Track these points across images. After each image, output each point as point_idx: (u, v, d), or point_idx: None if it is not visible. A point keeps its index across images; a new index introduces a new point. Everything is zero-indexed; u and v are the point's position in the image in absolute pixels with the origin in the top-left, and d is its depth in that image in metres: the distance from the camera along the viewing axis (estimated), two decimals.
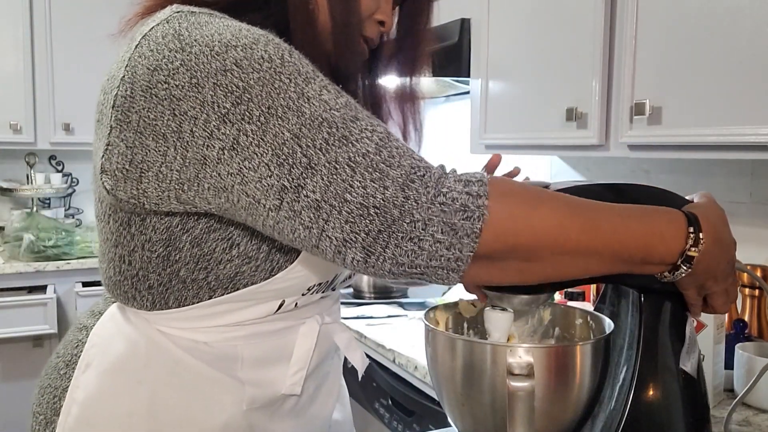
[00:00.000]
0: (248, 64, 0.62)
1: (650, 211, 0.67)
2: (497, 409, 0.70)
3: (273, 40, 0.65)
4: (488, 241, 0.59)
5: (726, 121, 1.12)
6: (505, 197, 0.61)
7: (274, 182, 0.61)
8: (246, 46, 0.63)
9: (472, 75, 1.81)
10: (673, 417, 0.76)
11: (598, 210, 0.64)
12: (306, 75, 0.64)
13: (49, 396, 0.80)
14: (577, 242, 0.62)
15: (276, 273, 0.74)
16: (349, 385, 1.80)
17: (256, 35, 0.65)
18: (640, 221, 0.65)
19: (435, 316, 0.85)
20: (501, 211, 0.60)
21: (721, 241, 0.67)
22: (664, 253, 0.65)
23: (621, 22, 1.34)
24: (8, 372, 2.68)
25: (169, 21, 0.67)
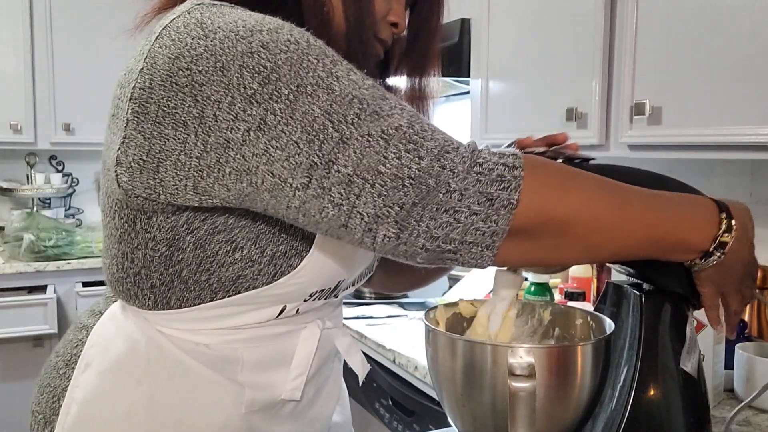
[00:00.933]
0: (275, 46, 0.62)
1: (682, 197, 0.67)
2: (497, 410, 0.70)
3: (296, 27, 0.65)
4: (524, 214, 0.59)
5: (726, 121, 1.12)
6: (540, 171, 0.60)
7: (302, 159, 0.59)
8: (272, 30, 0.63)
9: (472, 75, 1.81)
10: (673, 417, 0.76)
11: (632, 192, 0.64)
12: (333, 57, 0.64)
13: (48, 395, 0.80)
14: (610, 220, 0.62)
15: (278, 278, 0.73)
16: (349, 385, 1.80)
17: (279, 22, 0.64)
18: (673, 206, 0.65)
19: (435, 316, 0.85)
20: (536, 184, 0.59)
21: (748, 232, 0.68)
22: (697, 238, 0.65)
23: (621, 22, 1.34)
24: (8, 372, 2.68)
25: (191, 12, 0.67)
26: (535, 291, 1.49)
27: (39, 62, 2.88)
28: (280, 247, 0.73)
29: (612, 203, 0.62)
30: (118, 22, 0.79)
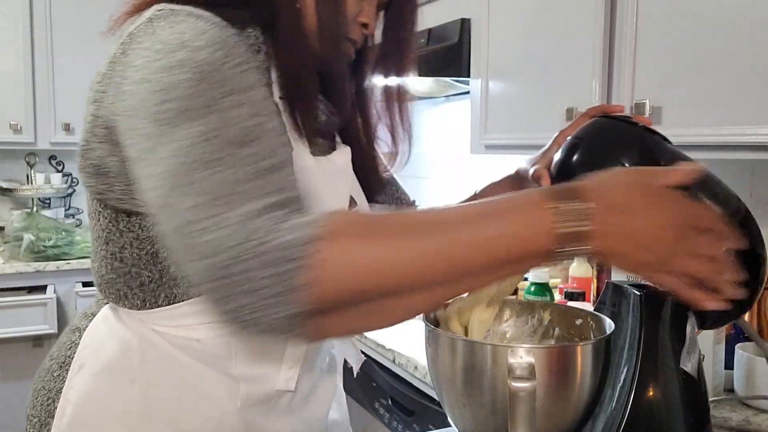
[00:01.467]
0: (188, 65, 0.61)
1: (513, 203, 0.59)
2: (498, 410, 0.70)
3: (229, 46, 0.64)
4: (324, 290, 0.53)
5: (726, 121, 1.12)
6: (341, 239, 0.54)
7: (159, 192, 0.59)
8: (196, 48, 0.63)
9: (472, 75, 1.81)
10: (673, 417, 0.76)
11: (452, 228, 0.57)
12: (233, 87, 0.62)
13: (42, 398, 0.80)
14: (434, 272, 0.56)
15: None
16: (349, 385, 1.80)
17: (215, 38, 0.64)
18: (498, 223, 0.58)
19: (435, 316, 0.85)
20: (336, 255, 0.53)
21: (629, 201, 0.58)
22: (534, 244, 0.57)
23: (621, 22, 1.34)
24: (8, 372, 2.68)
25: (151, 20, 0.67)
26: (535, 291, 1.49)
27: (39, 62, 2.88)
28: None
29: (432, 254, 0.56)
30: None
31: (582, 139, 0.76)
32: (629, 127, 0.76)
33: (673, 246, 0.59)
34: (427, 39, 1.92)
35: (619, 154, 0.73)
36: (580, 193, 0.58)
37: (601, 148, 0.74)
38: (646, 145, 0.75)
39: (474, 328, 0.80)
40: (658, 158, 0.74)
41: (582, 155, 0.76)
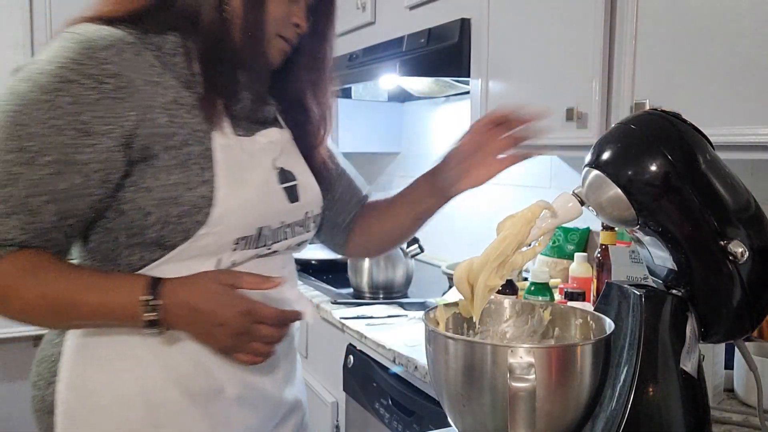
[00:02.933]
0: (18, 99, 0.80)
1: (117, 284, 0.85)
2: (497, 410, 0.70)
3: (42, 82, 0.80)
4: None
5: (726, 121, 1.12)
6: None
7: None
8: (26, 78, 0.81)
9: (472, 75, 1.81)
10: (673, 417, 0.76)
11: (66, 290, 0.83)
12: (30, 133, 0.79)
13: (45, 364, 0.92)
14: (47, 317, 0.85)
15: (193, 233, 0.86)
16: (349, 384, 1.80)
17: (56, 75, 0.80)
18: (101, 294, 0.84)
19: (435, 316, 0.85)
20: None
21: (196, 309, 0.84)
22: (128, 317, 0.84)
23: (621, 22, 1.34)
24: (8, 372, 2.68)
25: (57, 38, 0.84)
26: (535, 291, 1.49)
27: None
28: (183, 207, 0.85)
29: (50, 310, 0.84)
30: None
31: (635, 127, 0.77)
32: (677, 122, 0.76)
33: (233, 339, 0.86)
34: (427, 39, 1.92)
35: (661, 144, 0.74)
36: (160, 290, 0.84)
37: (648, 137, 0.75)
38: (688, 141, 0.75)
39: (479, 292, 0.79)
40: (696, 154, 0.75)
41: (631, 143, 0.76)
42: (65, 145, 0.80)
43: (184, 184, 0.85)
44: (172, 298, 0.83)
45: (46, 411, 0.90)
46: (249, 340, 0.87)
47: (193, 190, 0.86)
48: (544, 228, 0.78)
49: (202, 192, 0.86)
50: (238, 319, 0.85)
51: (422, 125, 2.71)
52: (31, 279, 0.82)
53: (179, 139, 0.85)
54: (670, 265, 0.79)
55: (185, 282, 0.85)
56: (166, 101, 0.85)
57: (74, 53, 0.80)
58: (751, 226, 0.75)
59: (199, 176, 0.86)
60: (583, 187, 0.79)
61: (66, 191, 0.81)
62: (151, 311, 0.83)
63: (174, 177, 0.85)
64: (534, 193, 2.08)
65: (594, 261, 1.54)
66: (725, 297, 0.76)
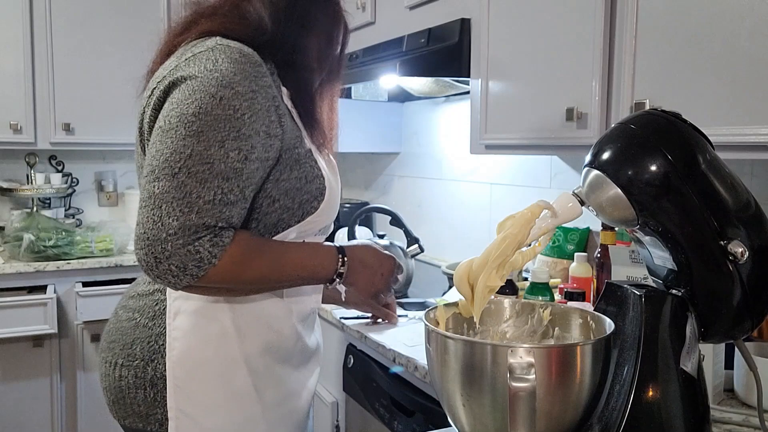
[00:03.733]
0: (224, 102, 0.94)
1: (317, 252, 1.10)
2: (497, 409, 0.70)
3: (254, 95, 0.97)
4: (210, 280, 0.96)
5: (726, 121, 1.12)
6: (228, 257, 0.96)
7: (153, 165, 0.95)
8: (225, 85, 0.95)
9: (472, 75, 1.81)
10: (673, 417, 0.76)
11: (288, 256, 1.05)
12: (240, 134, 0.95)
13: (142, 344, 1.09)
14: (275, 280, 1.05)
15: (305, 217, 1.08)
16: (349, 385, 1.80)
17: (246, 88, 0.96)
18: (311, 258, 1.08)
19: (435, 316, 0.85)
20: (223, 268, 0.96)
21: (360, 263, 1.16)
22: (324, 273, 1.10)
23: (621, 22, 1.34)
24: (8, 372, 2.68)
25: (213, 49, 1.00)
26: (535, 291, 1.48)
27: (39, 62, 2.87)
28: (304, 196, 1.06)
29: (276, 270, 1.03)
30: (118, 23, 0.86)
31: (635, 127, 0.77)
32: (677, 122, 0.76)
33: (385, 284, 1.24)
34: (427, 39, 1.92)
35: (661, 144, 0.74)
36: (346, 253, 1.13)
37: (648, 137, 0.75)
38: (688, 141, 0.75)
39: (479, 292, 0.79)
40: (696, 154, 0.75)
41: (631, 143, 0.76)
42: (261, 145, 0.97)
43: (303, 178, 1.05)
44: (353, 257, 1.14)
45: (145, 386, 1.08)
46: (391, 285, 1.26)
47: (311, 182, 1.06)
48: (544, 228, 0.78)
49: (317, 185, 1.07)
50: (391, 270, 1.23)
51: (422, 125, 2.71)
52: (256, 252, 1.00)
53: (292, 141, 1.04)
54: (670, 265, 0.79)
55: (357, 247, 1.17)
56: (286, 111, 1.05)
57: (248, 66, 0.98)
58: (751, 226, 0.75)
59: (311, 172, 1.07)
60: (583, 187, 0.79)
61: (258, 182, 1.00)
62: (342, 266, 1.12)
63: (295, 172, 1.04)
64: (534, 193, 2.08)
65: (594, 261, 1.54)
66: (725, 297, 0.76)
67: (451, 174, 2.51)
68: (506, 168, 2.22)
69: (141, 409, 1.09)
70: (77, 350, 2.76)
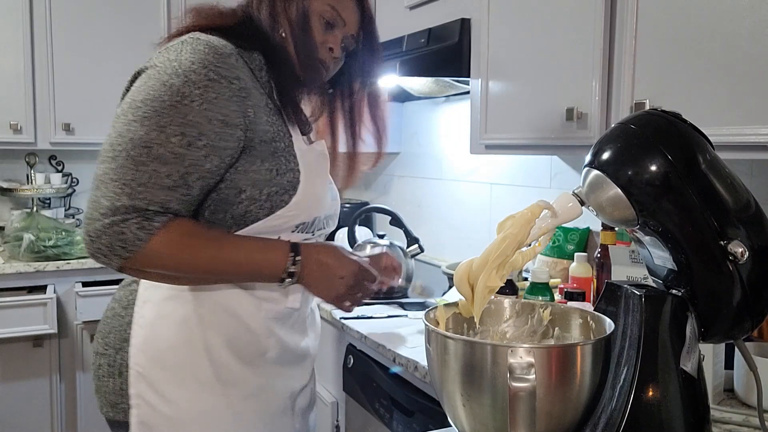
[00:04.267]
0: (174, 89, 0.95)
1: (267, 245, 1.04)
2: (497, 409, 0.70)
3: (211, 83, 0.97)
4: (138, 264, 0.98)
5: (726, 121, 1.12)
6: (160, 242, 0.97)
7: (103, 147, 0.99)
8: (178, 74, 0.96)
9: (472, 75, 1.81)
10: (673, 417, 0.76)
11: (228, 250, 1.02)
12: (187, 121, 0.95)
13: (115, 333, 1.10)
14: (210, 273, 1.03)
15: (275, 211, 1.04)
16: (350, 385, 1.80)
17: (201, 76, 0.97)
18: (255, 252, 1.03)
19: (435, 316, 0.85)
20: (153, 251, 0.97)
21: (323, 265, 1.07)
22: (273, 269, 1.04)
23: (621, 22, 1.34)
24: (8, 372, 2.68)
25: (183, 42, 1.01)
26: (535, 291, 1.48)
27: (39, 62, 2.87)
28: (273, 188, 1.04)
29: (211, 263, 1.01)
30: (118, 23, 0.88)
31: (635, 127, 0.77)
32: (677, 122, 0.76)
33: (347, 289, 1.11)
34: (427, 39, 1.92)
35: (661, 144, 0.74)
36: (300, 250, 1.06)
37: (648, 137, 0.75)
38: (688, 141, 0.75)
39: (479, 292, 0.80)
40: (696, 154, 0.75)
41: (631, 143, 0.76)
42: (213, 133, 0.97)
43: (275, 170, 1.04)
44: (308, 256, 1.06)
45: (114, 374, 1.09)
46: (356, 293, 1.12)
47: (282, 175, 1.05)
48: (544, 228, 0.78)
49: (288, 178, 1.05)
50: (354, 275, 1.10)
51: (422, 125, 2.71)
52: (193, 240, 0.99)
53: (270, 135, 1.04)
54: (670, 265, 0.79)
55: (317, 246, 1.09)
56: (263, 104, 1.05)
57: (211, 56, 0.98)
58: (751, 226, 0.75)
59: (286, 166, 1.05)
60: (583, 187, 0.79)
61: (209, 171, 0.98)
62: (293, 265, 1.04)
63: (267, 164, 1.03)
64: (534, 193, 2.08)
65: (594, 261, 1.54)
66: (725, 297, 0.76)
67: (451, 174, 2.51)
68: (506, 168, 2.22)
69: (112, 398, 1.11)
70: (77, 350, 2.76)
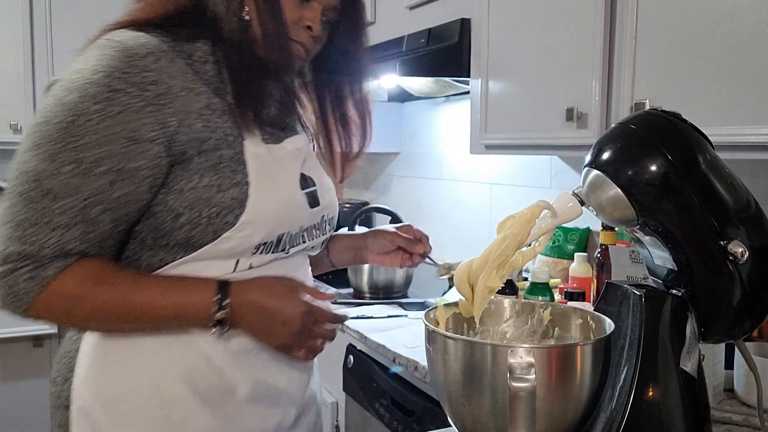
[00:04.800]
0: (68, 109, 0.81)
1: (188, 287, 0.88)
2: (497, 410, 0.70)
3: (83, 93, 0.81)
4: (37, 314, 0.85)
5: (726, 121, 1.12)
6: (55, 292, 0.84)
7: None
8: (73, 89, 0.82)
9: (472, 75, 1.81)
10: (673, 417, 0.76)
11: (139, 293, 0.87)
12: (84, 143, 0.80)
13: (64, 360, 0.94)
14: (120, 320, 0.87)
15: (220, 234, 0.88)
16: (350, 385, 1.80)
17: (103, 84, 0.81)
18: (175, 296, 0.87)
19: (435, 316, 0.85)
20: (50, 300, 0.84)
21: (260, 308, 0.89)
22: (198, 315, 0.88)
23: (621, 22, 1.34)
24: (8, 372, 2.68)
25: (96, 46, 0.86)
26: (535, 291, 1.48)
27: (39, 62, 2.88)
28: (213, 209, 0.87)
29: (122, 311, 0.86)
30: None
31: (635, 127, 0.77)
32: (677, 122, 0.76)
33: (294, 336, 0.91)
34: (427, 39, 1.92)
35: (661, 144, 0.74)
36: (229, 291, 0.88)
37: (648, 137, 0.75)
38: (688, 141, 0.75)
39: (479, 293, 0.80)
40: (696, 154, 0.75)
41: (631, 143, 0.76)
42: (118, 154, 0.82)
43: (216, 186, 0.87)
44: (240, 297, 0.88)
45: (63, 406, 0.92)
46: (307, 338, 0.93)
47: (225, 191, 0.88)
48: (544, 228, 0.78)
49: (233, 194, 0.88)
50: (301, 318, 0.90)
51: (422, 125, 2.71)
52: (97, 287, 0.85)
53: (212, 143, 0.88)
54: (670, 265, 0.79)
55: (252, 283, 0.90)
56: (200, 107, 0.87)
57: (117, 61, 0.82)
58: (751, 226, 0.75)
59: (231, 179, 0.88)
60: (583, 187, 0.79)
61: (119, 199, 0.83)
62: (221, 310, 0.87)
63: (206, 179, 0.87)
64: (534, 193, 2.08)
65: (594, 261, 1.54)
66: (725, 297, 0.76)
67: (451, 174, 2.51)
68: (506, 168, 2.22)
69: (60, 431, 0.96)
70: None
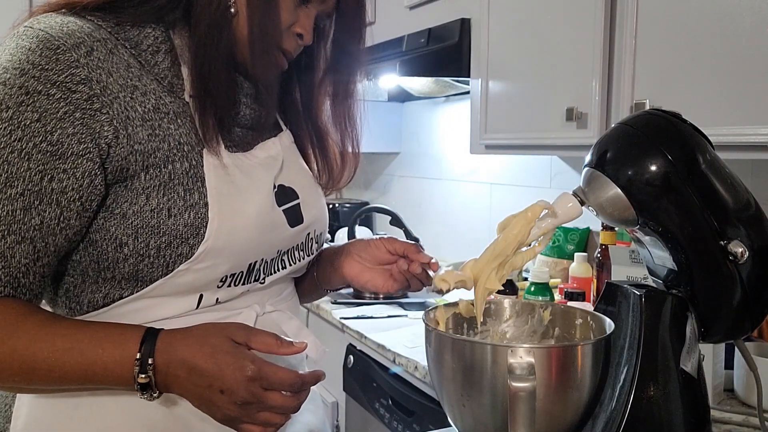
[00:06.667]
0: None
1: (104, 340, 0.69)
2: (497, 410, 0.70)
3: (18, 99, 0.66)
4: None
5: (726, 121, 1.12)
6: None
7: None
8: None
9: (472, 75, 1.81)
10: (673, 417, 0.76)
11: (39, 347, 0.68)
12: None
13: (2, 410, 0.80)
14: (21, 377, 0.69)
15: (174, 267, 0.73)
16: (350, 385, 1.80)
17: (15, 85, 0.66)
18: (87, 351, 0.69)
19: (435, 316, 0.85)
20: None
21: (194, 370, 0.68)
22: (115, 379, 0.69)
23: (621, 22, 1.34)
24: None
25: (13, 36, 0.72)
26: (535, 291, 1.49)
27: None
28: (162, 238, 0.72)
29: (20, 361, 0.68)
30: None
31: (635, 127, 0.77)
32: (677, 122, 0.76)
33: (238, 409, 0.69)
34: (427, 39, 1.92)
35: (661, 144, 0.74)
36: (156, 345, 0.69)
37: (648, 137, 0.75)
38: (688, 141, 0.75)
39: (479, 293, 0.80)
40: (696, 154, 0.75)
41: (631, 143, 0.76)
42: (35, 173, 0.67)
43: (165, 210, 0.72)
44: (168, 355, 0.69)
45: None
46: (257, 410, 0.70)
47: (177, 217, 0.72)
48: (544, 228, 0.78)
49: (187, 219, 0.72)
50: (245, 385, 0.68)
51: (422, 125, 2.71)
52: (1, 336, 0.68)
53: (161, 155, 0.72)
54: (670, 265, 0.79)
55: (185, 335, 0.70)
56: (146, 110, 0.72)
57: (36, 56, 0.67)
58: (751, 226, 0.75)
59: (184, 200, 0.73)
60: (583, 187, 0.79)
61: (39, 227, 0.68)
62: (142, 374, 0.68)
63: (153, 201, 0.71)
64: (534, 193, 2.08)
65: (594, 261, 1.54)
66: (725, 297, 0.76)
67: (451, 174, 2.51)
68: (506, 168, 2.22)
69: None
70: None
